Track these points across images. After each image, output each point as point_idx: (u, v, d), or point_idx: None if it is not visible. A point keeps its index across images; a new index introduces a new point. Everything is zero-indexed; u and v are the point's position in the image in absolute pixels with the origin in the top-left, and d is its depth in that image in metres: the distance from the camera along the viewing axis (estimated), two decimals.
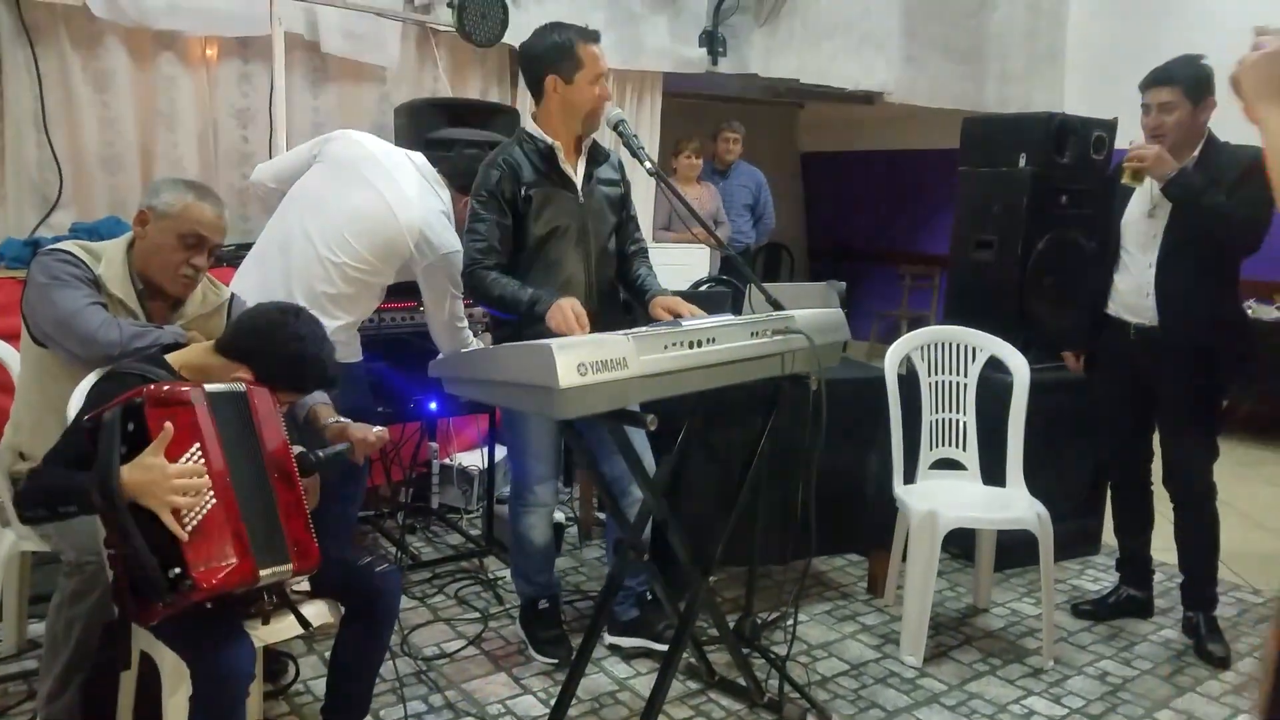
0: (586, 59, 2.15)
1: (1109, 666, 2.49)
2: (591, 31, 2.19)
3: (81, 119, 3.20)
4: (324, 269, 2.22)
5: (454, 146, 3.01)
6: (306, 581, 1.74)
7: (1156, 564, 2.79)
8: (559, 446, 2.36)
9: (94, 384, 1.66)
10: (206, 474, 1.49)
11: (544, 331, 1.94)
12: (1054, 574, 2.49)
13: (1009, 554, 2.89)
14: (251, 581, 1.52)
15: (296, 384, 1.74)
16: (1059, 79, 5.81)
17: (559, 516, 2.72)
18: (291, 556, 1.59)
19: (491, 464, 3.10)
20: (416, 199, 2.29)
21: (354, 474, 2.30)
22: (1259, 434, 4.79)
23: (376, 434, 1.89)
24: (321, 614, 1.75)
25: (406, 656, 2.36)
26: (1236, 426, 4.70)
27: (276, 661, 2.21)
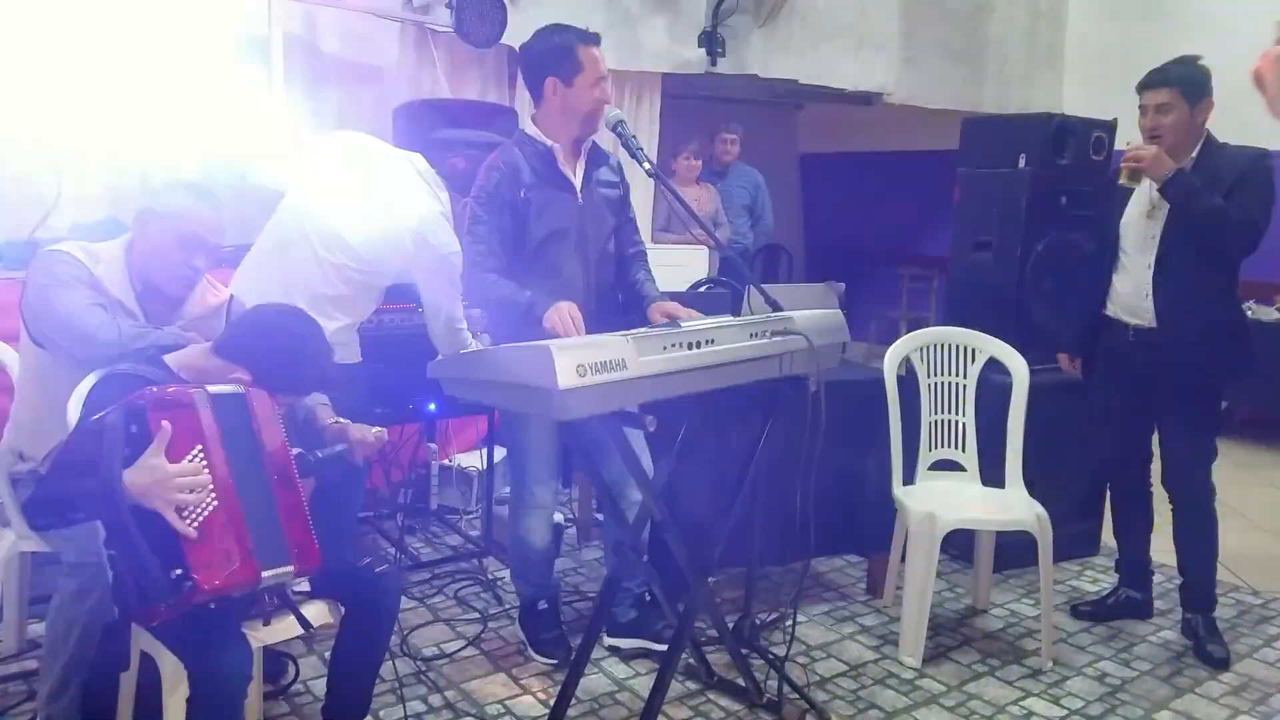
0: (586, 62, 2.15)
1: (1108, 667, 2.49)
2: (592, 34, 2.19)
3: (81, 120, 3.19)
4: (322, 270, 2.22)
5: (453, 148, 3.00)
6: (307, 582, 1.74)
7: (1156, 565, 2.78)
8: (558, 448, 2.36)
9: (93, 386, 1.66)
10: (209, 475, 1.49)
11: (542, 334, 1.95)
12: (1053, 575, 2.49)
13: (1008, 555, 2.89)
14: (254, 583, 1.52)
15: (294, 385, 1.75)
16: (1058, 80, 5.81)
17: (558, 518, 2.72)
18: (292, 558, 1.59)
19: (490, 465, 3.11)
20: (415, 200, 2.29)
21: (353, 475, 2.30)
22: (1258, 435, 4.80)
23: (376, 435, 1.90)
24: (321, 614, 1.75)
25: (406, 657, 2.36)
26: (1236, 428, 4.71)
27: (276, 662, 2.21)
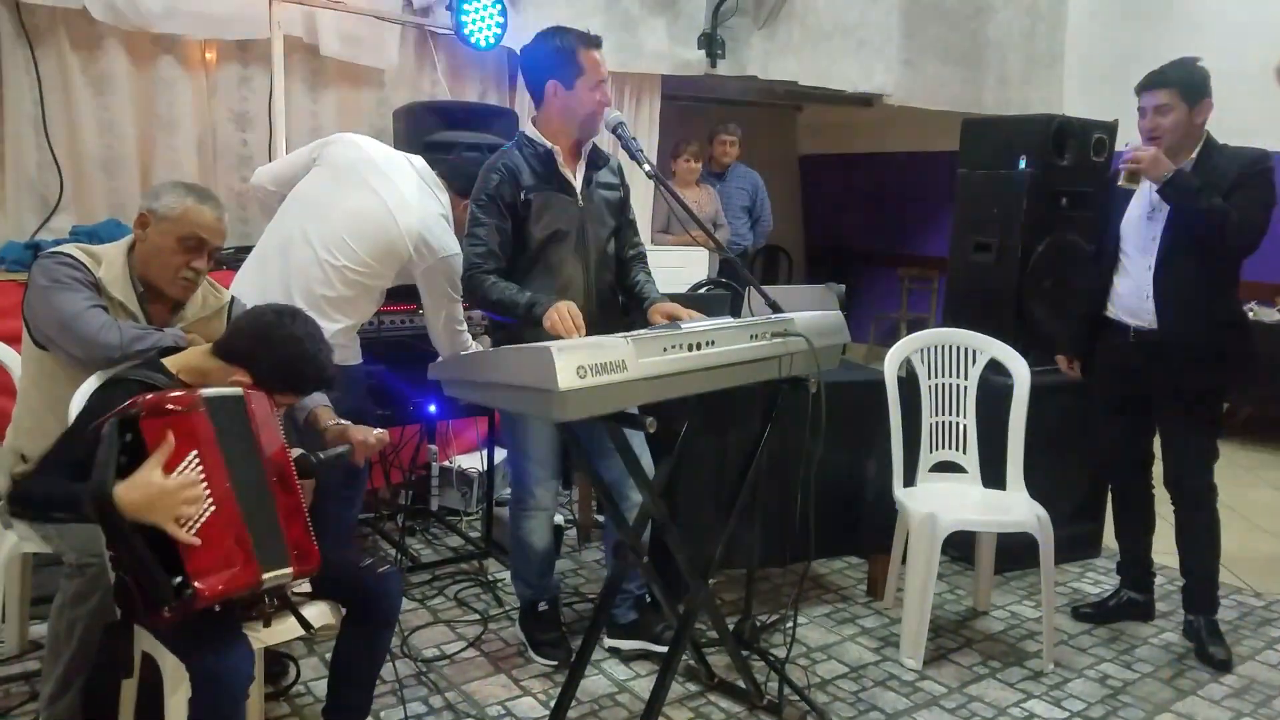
0: (587, 64, 2.15)
1: (1110, 669, 2.49)
2: (593, 37, 2.19)
3: (81, 122, 3.20)
4: (323, 272, 2.22)
5: (453, 149, 3.01)
6: (308, 583, 1.74)
7: (1157, 567, 2.78)
8: (558, 449, 2.36)
9: (95, 390, 1.65)
10: (205, 481, 1.48)
11: (542, 335, 1.95)
12: (1054, 577, 2.49)
13: (1009, 557, 2.89)
14: (254, 586, 1.52)
15: (295, 386, 1.74)
16: (1058, 82, 5.80)
17: (558, 519, 2.72)
18: (291, 560, 1.59)
19: (491, 466, 3.11)
20: (415, 202, 2.29)
21: (354, 476, 2.30)
22: (1260, 436, 4.79)
23: (376, 436, 1.90)
24: (323, 615, 1.75)
25: (407, 658, 2.36)
26: (1237, 429, 4.70)
27: (278, 663, 2.21)
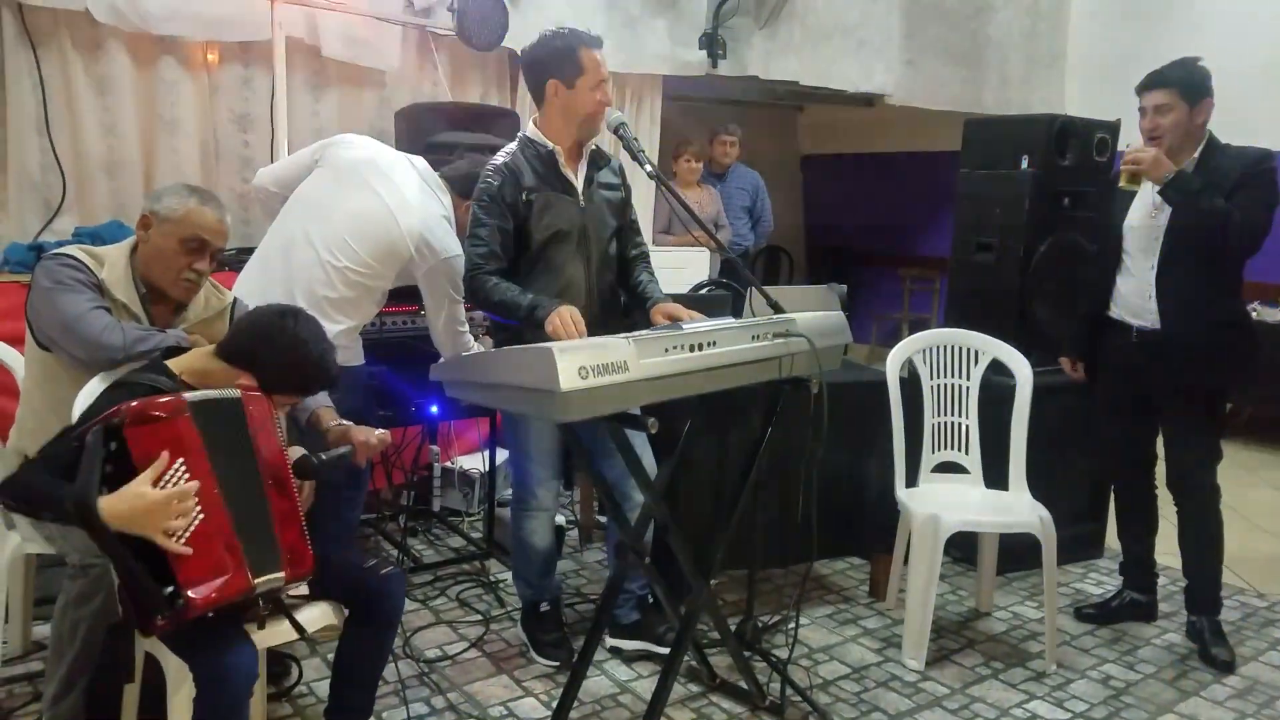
0: (588, 64, 2.15)
1: (1112, 670, 2.48)
2: (594, 37, 2.19)
3: (83, 124, 3.21)
4: (325, 273, 2.22)
5: (454, 151, 3.01)
6: (308, 586, 1.73)
7: (1160, 568, 2.78)
8: (559, 449, 2.36)
9: (101, 393, 1.65)
10: (194, 488, 1.47)
11: (544, 337, 1.95)
12: (1057, 577, 2.49)
13: (1011, 557, 2.89)
14: (247, 591, 1.52)
15: (298, 387, 1.74)
16: (1059, 82, 5.80)
17: (560, 520, 2.72)
18: (284, 565, 1.59)
19: (492, 467, 3.11)
20: (417, 203, 2.29)
21: (356, 477, 2.30)
22: (1262, 437, 4.78)
23: (379, 437, 1.90)
24: (325, 616, 1.75)
25: (409, 659, 2.36)
26: (1240, 429, 4.69)
27: (280, 664, 2.21)
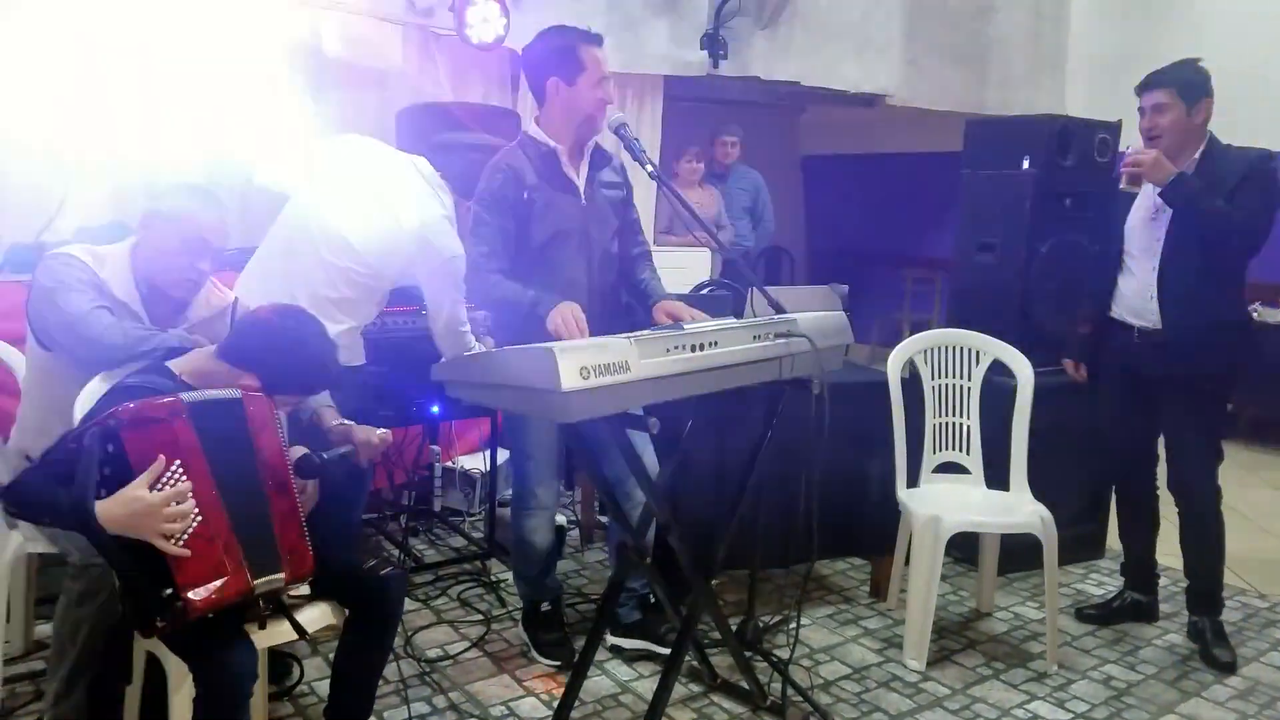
0: (588, 62, 2.15)
1: (1113, 671, 2.48)
2: (594, 35, 2.19)
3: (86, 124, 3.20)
4: (327, 273, 2.22)
5: (455, 151, 3.01)
6: (309, 585, 1.73)
7: (1161, 568, 2.77)
8: (561, 450, 2.36)
9: (101, 397, 1.65)
10: (191, 491, 1.47)
11: (545, 336, 1.95)
12: (1058, 578, 2.49)
13: (1013, 558, 2.88)
14: (246, 594, 1.52)
15: (302, 386, 1.75)
16: (1061, 82, 5.79)
17: (561, 519, 2.72)
18: (284, 565, 1.59)
19: (493, 467, 3.11)
20: (419, 203, 2.29)
21: (358, 476, 2.30)
22: (1265, 437, 4.78)
23: (380, 436, 1.90)
24: (325, 616, 1.75)
25: (410, 658, 2.36)
26: (1241, 430, 4.69)
27: (281, 663, 2.21)
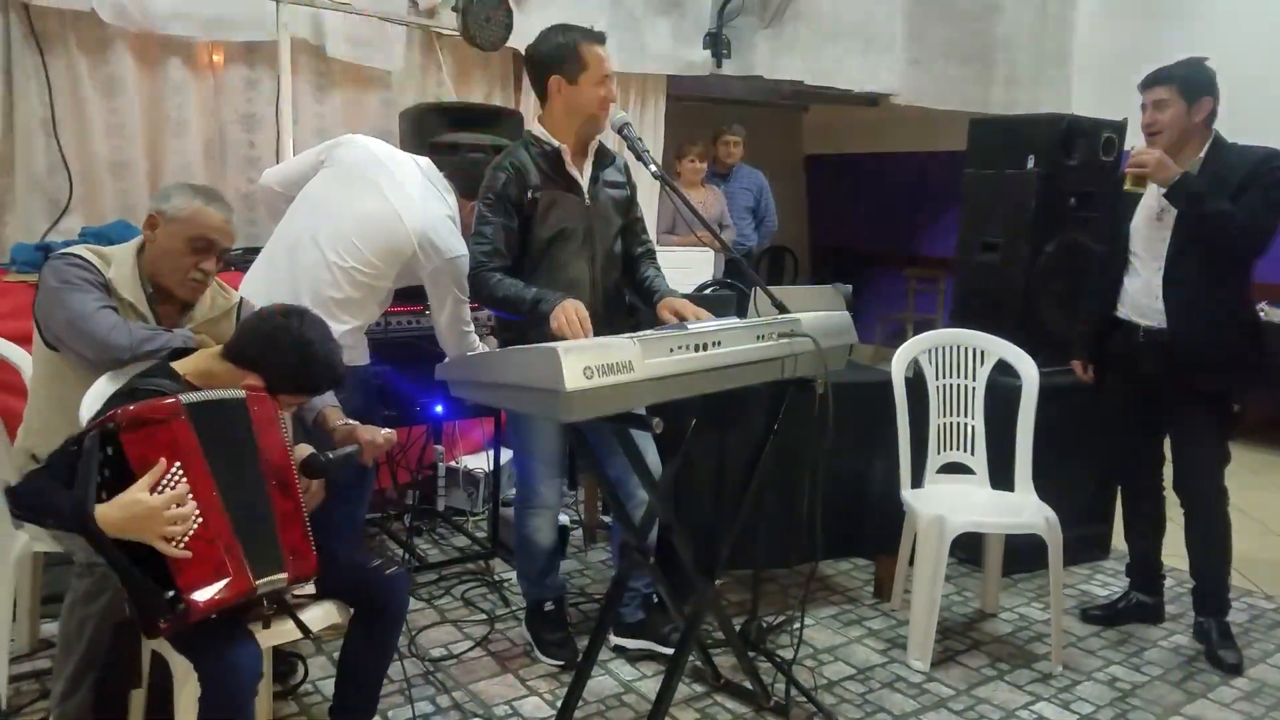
0: (590, 60, 2.15)
1: (1119, 672, 2.47)
2: (596, 33, 2.19)
3: (90, 124, 3.22)
4: (331, 273, 2.22)
5: (459, 150, 3.02)
6: (313, 585, 1.73)
7: (1167, 569, 2.76)
8: (564, 449, 2.36)
9: (105, 401, 1.65)
10: (191, 493, 1.47)
11: (548, 336, 1.95)
12: (1063, 579, 2.48)
13: (1017, 559, 2.88)
14: (248, 593, 1.52)
15: (304, 387, 1.75)
16: (1066, 82, 5.77)
17: (564, 519, 2.72)
18: (287, 565, 1.59)
19: (497, 467, 3.11)
20: (422, 203, 2.30)
21: (362, 476, 2.31)
22: (1271, 438, 4.76)
23: (384, 436, 1.90)
24: (329, 615, 1.75)
25: (414, 657, 2.36)
26: (1248, 431, 4.66)
27: (285, 662, 2.22)
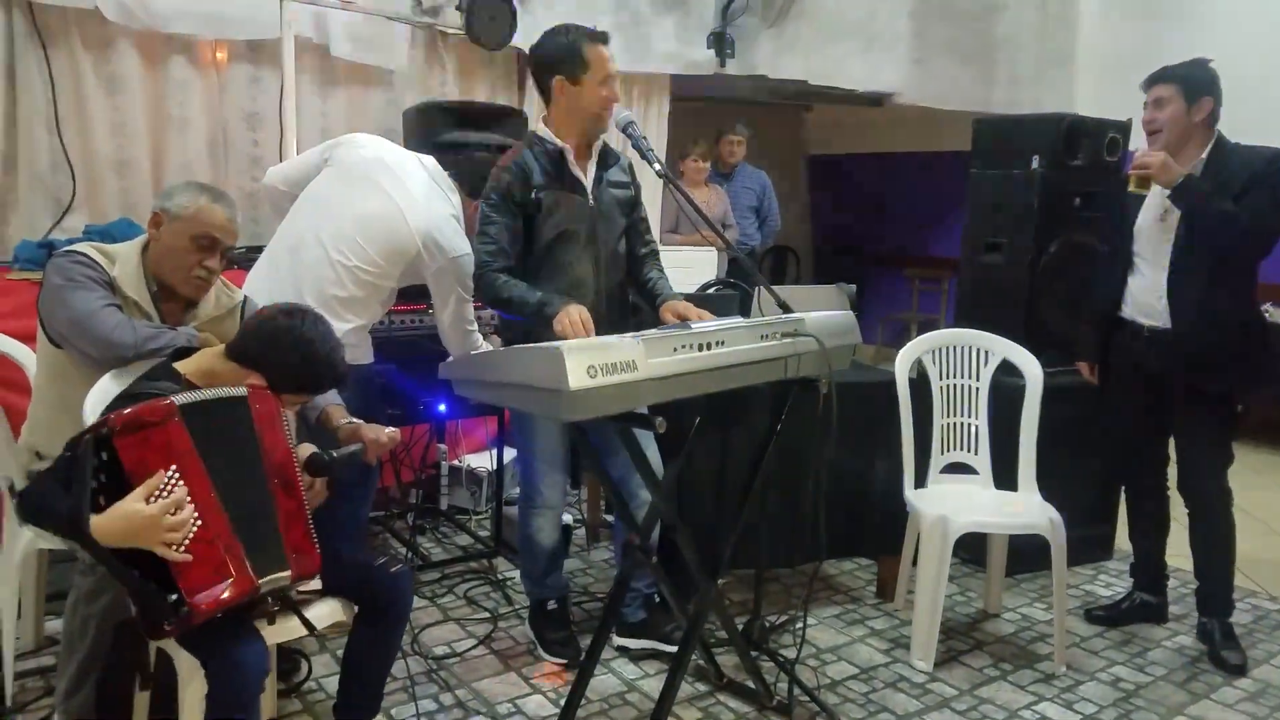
0: (594, 60, 2.15)
1: (1122, 672, 2.47)
2: (600, 33, 2.19)
3: (93, 122, 3.22)
4: (335, 272, 2.22)
5: (463, 150, 3.02)
6: (319, 581, 1.73)
7: (1171, 569, 2.76)
8: (567, 448, 2.36)
9: (112, 402, 1.65)
10: (189, 495, 1.46)
11: (552, 335, 1.94)
12: (1066, 579, 2.47)
13: (1021, 559, 2.87)
14: (251, 592, 1.52)
15: (308, 386, 1.75)
16: (1069, 81, 5.76)
17: (567, 518, 2.72)
18: (290, 563, 1.59)
19: (500, 466, 3.11)
20: (426, 202, 2.30)
21: (366, 475, 2.31)
22: (1274, 439, 4.75)
23: (388, 435, 1.90)
24: (334, 613, 1.75)
25: (417, 655, 2.36)
26: (1251, 431, 4.65)
27: (289, 660, 2.22)
